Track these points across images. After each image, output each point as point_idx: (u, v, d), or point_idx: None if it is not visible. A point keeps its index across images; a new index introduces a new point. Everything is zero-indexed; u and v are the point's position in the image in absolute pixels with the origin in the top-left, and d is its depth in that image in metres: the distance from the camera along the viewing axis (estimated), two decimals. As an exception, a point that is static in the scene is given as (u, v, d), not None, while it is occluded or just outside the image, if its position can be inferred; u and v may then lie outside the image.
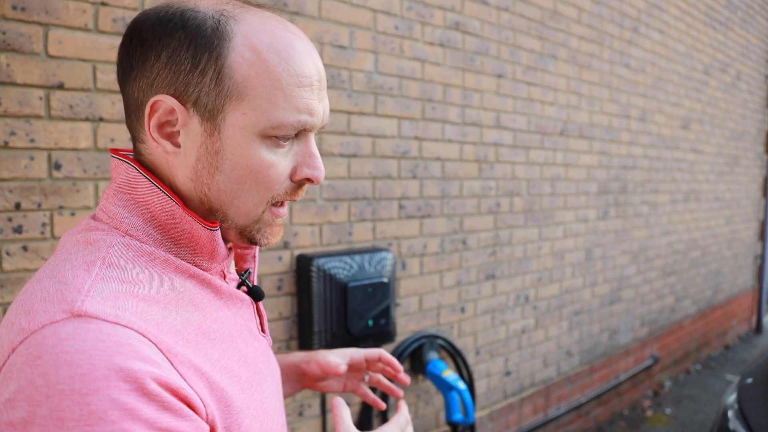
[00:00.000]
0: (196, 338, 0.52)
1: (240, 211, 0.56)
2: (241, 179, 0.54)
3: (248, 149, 0.53)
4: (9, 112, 1.25)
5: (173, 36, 0.51)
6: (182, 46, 0.51)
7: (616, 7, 3.21)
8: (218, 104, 0.52)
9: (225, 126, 0.52)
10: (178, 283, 0.54)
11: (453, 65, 2.28)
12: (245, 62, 0.51)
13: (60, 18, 1.31)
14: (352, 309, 1.84)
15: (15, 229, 1.28)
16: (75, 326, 0.43)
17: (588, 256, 3.16)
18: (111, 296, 0.47)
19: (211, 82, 0.51)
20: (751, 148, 5.24)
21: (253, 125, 0.52)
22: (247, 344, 0.60)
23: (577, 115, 2.98)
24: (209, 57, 0.51)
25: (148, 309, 0.48)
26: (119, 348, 0.43)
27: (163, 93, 0.52)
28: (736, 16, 4.69)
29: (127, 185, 0.55)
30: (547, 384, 2.92)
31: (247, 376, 0.57)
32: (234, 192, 0.55)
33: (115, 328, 0.44)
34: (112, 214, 0.55)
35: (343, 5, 1.88)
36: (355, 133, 1.95)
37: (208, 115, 0.52)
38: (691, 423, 3.45)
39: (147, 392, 0.43)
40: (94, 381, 0.41)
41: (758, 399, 1.96)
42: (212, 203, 0.55)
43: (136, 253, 0.52)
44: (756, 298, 5.76)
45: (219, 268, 0.59)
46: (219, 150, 0.53)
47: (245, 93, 0.52)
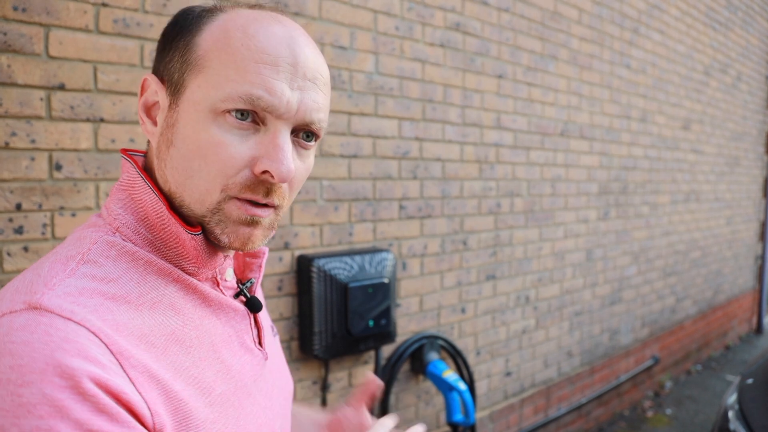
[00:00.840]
0: (165, 343, 0.50)
1: (194, 195, 0.52)
2: (190, 155, 0.51)
3: (198, 123, 0.51)
4: (10, 112, 1.25)
5: (171, 26, 0.55)
6: (171, 32, 0.55)
7: (616, 7, 3.21)
8: (182, 78, 0.52)
9: (182, 99, 0.52)
10: (158, 285, 0.52)
11: (453, 66, 2.28)
12: (211, 38, 0.51)
13: (61, 19, 1.31)
14: (352, 309, 1.84)
15: (16, 229, 1.28)
16: (28, 318, 0.43)
17: (588, 257, 3.16)
18: (74, 292, 0.46)
19: (179, 58, 0.53)
20: (752, 148, 5.24)
21: (205, 99, 0.50)
22: (234, 356, 0.57)
23: (577, 116, 2.98)
24: (183, 36, 0.53)
25: (113, 308, 0.47)
26: (63, 344, 0.42)
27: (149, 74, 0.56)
28: (736, 17, 4.69)
29: (127, 184, 0.56)
30: (547, 384, 2.92)
31: (223, 389, 0.54)
32: (185, 170, 0.52)
33: (66, 323, 0.43)
34: (110, 211, 0.55)
35: (343, 6, 1.89)
36: (356, 133, 1.95)
37: (174, 89, 0.53)
38: (692, 423, 3.44)
39: (82, 392, 0.41)
40: (30, 373, 0.41)
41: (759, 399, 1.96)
42: (170, 184, 0.54)
43: (119, 252, 0.52)
44: (756, 298, 5.75)
45: (209, 274, 0.57)
46: (174, 123, 0.52)
47: (203, 66, 0.51)
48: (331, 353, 1.84)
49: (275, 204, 0.54)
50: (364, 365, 2.04)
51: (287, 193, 0.55)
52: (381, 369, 2.07)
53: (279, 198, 0.54)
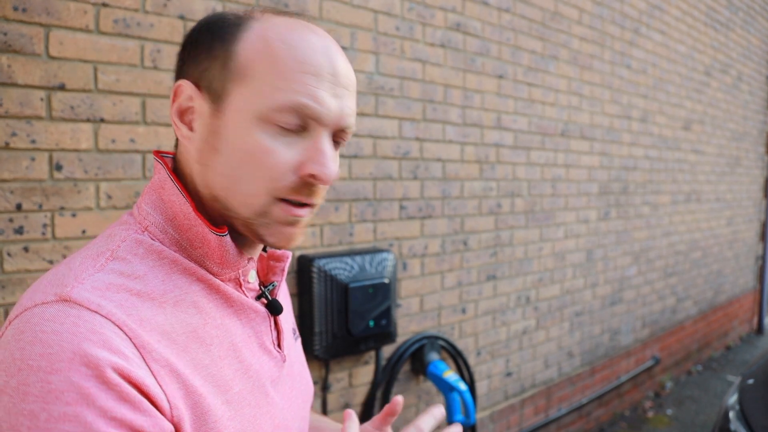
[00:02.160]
0: (186, 340, 0.52)
1: (241, 200, 0.54)
2: (239, 163, 0.53)
3: (246, 132, 0.53)
4: (10, 112, 1.25)
5: (203, 33, 0.56)
6: (205, 39, 0.56)
7: (617, 8, 3.20)
8: (224, 86, 0.54)
9: (227, 107, 0.53)
10: (182, 284, 0.54)
11: (454, 66, 2.28)
12: (252, 47, 0.53)
13: (61, 19, 1.31)
14: (353, 310, 1.84)
15: (16, 230, 1.28)
16: (58, 309, 0.46)
17: (589, 257, 3.16)
18: (102, 287, 0.49)
19: (220, 66, 0.54)
20: (753, 148, 5.24)
21: (253, 107, 0.52)
22: (253, 356, 0.59)
23: (578, 116, 2.98)
24: (221, 44, 0.54)
25: (138, 304, 0.49)
26: (90, 335, 0.45)
27: (186, 78, 0.56)
28: (737, 17, 4.69)
29: (158, 184, 0.57)
30: (548, 385, 2.92)
31: (241, 388, 0.56)
32: (233, 177, 0.54)
33: (93, 316, 0.46)
34: (141, 210, 0.57)
35: (344, 6, 1.89)
36: (356, 133, 1.95)
37: (215, 97, 0.54)
38: (693, 424, 3.44)
39: (106, 380, 0.44)
40: (59, 362, 0.43)
41: (759, 400, 1.96)
42: (214, 189, 0.55)
43: (146, 250, 0.54)
44: (757, 299, 5.75)
45: (232, 275, 0.58)
46: (219, 131, 0.54)
47: (247, 75, 0.53)
48: (332, 353, 1.84)
49: (315, 203, 0.57)
50: (365, 365, 2.04)
51: (324, 192, 0.59)
52: (381, 369, 2.07)
53: (319, 198, 0.57)
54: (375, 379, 2.05)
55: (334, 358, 1.88)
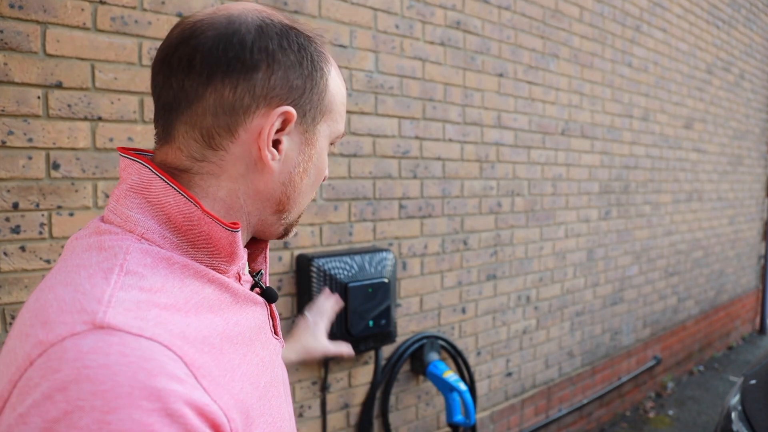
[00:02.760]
0: (221, 344, 0.50)
1: (301, 208, 0.62)
2: (316, 181, 0.62)
3: (323, 154, 0.62)
4: (7, 111, 1.25)
5: (288, 51, 0.55)
6: (298, 63, 0.56)
7: (618, 5, 3.19)
8: (317, 117, 0.59)
9: (317, 136, 0.60)
10: (197, 289, 0.52)
11: (454, 64, 2.27)
12: (334, 83, 0.61)
13: (58, 16, 1.30)
14: (352, 309, 1.83)
15: (13, 229, 1.27)
16: (97, 339, 0.41)
17: (590, 257, 3.15)
18: (133, 306, 0.44)
19: (317, 98, 0.58)
20: (755, 147, 5.22)
21: (330, 135, 0.62)
22: (264, 347, 0.59)
23: (578, 115, 2.97)
24: (320, 77, 0.58)
25: (171, 318, 0.46)
26: (144, 363, 0.41)
27: (280, 104, 0.55)
28: (739, 15, 4.67)
29: (140, 186, 0.53)
30: (548, 385, 2.91)
31: (265, 381, 0.56)
32: (307, 192, 0.62)
33: (138, 341, 0.42)
34: (125, 216, 0.52)
35: (343, 4, 1.88)
36: (356, 132, 1.95)
37: (309, 126, 0.59)
38: (694, 424, 3.43)
39: (171, 413, 0.41)
40: (117, 398, 0.39)
41: (762, 400, 1.95)
42: (288, 203, 0.60)
43: (155, 259, 0.50)
44: (760, 298, 5.73)
45: (235, 270, 0.58)
46: (311, 157, 0.60)
47: (332, 109, 0.61)
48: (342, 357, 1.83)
49: None
50: (364, 365, 2.03)
51: None
52: (381, 369, 2.06)
53: None
54: (374, 379, 2.04)
55: (334, 358, 1.87)
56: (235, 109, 0.53)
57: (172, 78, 0.53)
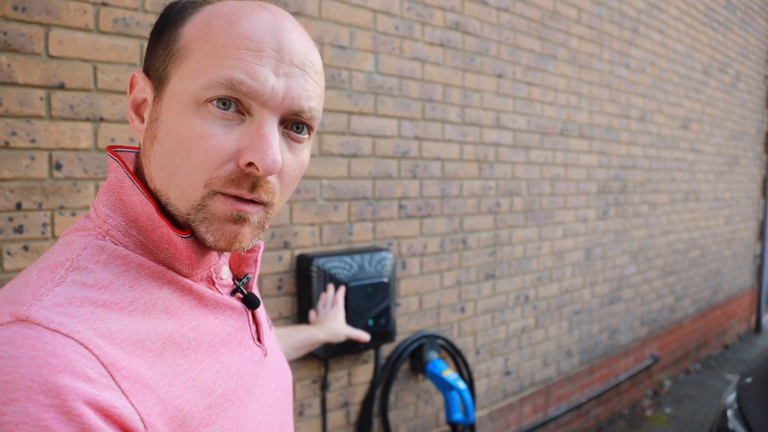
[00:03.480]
0: (161, 348, 0.49)
1: (178, 192, 0.50)
2: (173, 149, 0.49)
3: (180, 115, 0.48)
4: (10, 112, 1.26)
5: (158, 20, 0.54)
6: (156, 27, 0.53)
7: (615, 7, 3.21)
8: (165, 70, 0.50)
9: (166, 92, 0.50)
10: (151, 289, 0.51)
11: (453, 65, 2.28)
12: (193, 28, 0.49)
13: (61, 18, 1.31)
14: (352, 309, 1.84)
15: (16, 229, 1.28)
16: (14, 331, 0.41)
17: (588, 256, 3.17)
18: (63, 302, 0.44)
19: (163, 50, 0.51)
20: (751, 148, 5.25)
21: (187, 89, 0.48)
22: (234, 354, 0.56)
23: (576, 115, 2.98)
24: (167, 29, 0.52)
25: (106, 316, 0.46)
26: (50, 359, 0.40)
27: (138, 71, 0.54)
28: (735, 17, 4.70)
29: (116, 183, 0.53)
30: (547, 384, 2.93)
31: (224, 389, 0.53)
32: (168, 165, 0.50)
33: (54, 336, 0.42)
34: (99, 212, 0.53)
35: (343, 5, 1.89)
36: (355, 133, 1.96)
37: (158, 83, 0.51)
38: (691, 422, 3.45)
39: (67, 410, 0.40)
40: (16, 391, 0.39)
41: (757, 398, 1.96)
42: (155, 182, 0.52)
43: (110, 256, 0.50)
44: (755, 297, 5.76)
45: (204, 274, 0.56)
46: (158, 117, 0.51)
47: (185, 56, 0.49)
48: (331, 352, 1.84)
49: (262, 200, 0.51)
50: (364, 364, 2.04)
51: (277, 189, 0.52)
52: (380, 368, 2.07)
53: (267, 194, 0.51)
54: (374, 377, 2.05)
55: (333, 357, 1.88)
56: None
57: None
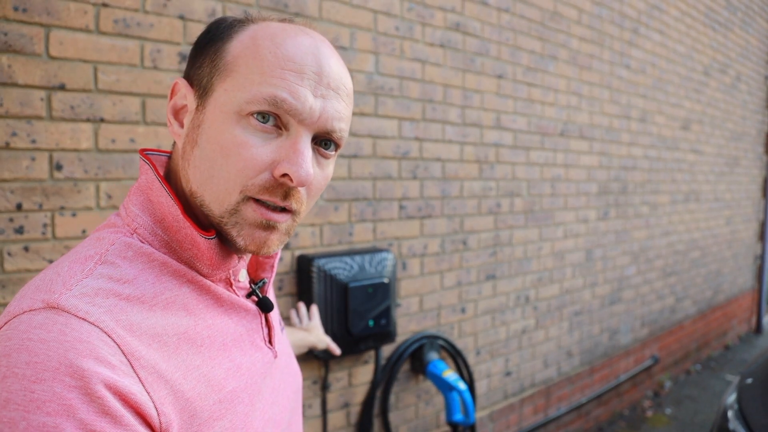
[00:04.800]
0: (177, 342, 0.52)
1: (213, 196, 0.53)
2: (213, 155, 0.53)
3: (223, 124, 0.52)
4: (10, 112, 1.26)
5: (204, 34, 0.58)
6: (204, 39, 0.57)
7: (616, 8, 3.21)
8: (210, 82, 0.54)
9: (209, 102, 0.54)
10: (172, 286, 0.54)
11: (453, 66, 2.28)
12: (240, 45, 0.54)
13: (61, 19, 1.31)
14: (352, 309, 1.84)
15: (16, 229, 1.28)
16: (46, 317, 0.45)
17: (588, 257, 3.16)
18: (91, 292, 0.48)
19: (209, 63, 0.55)
20: (751, 148, 5.24)
21: (231, 101, 0.52)
22: (245, 355, 0.59)
23: (577, 116, 2.98)
24: (215, 42, 0.56)
25: (128, 309, 0.49)
26: (77, 344, 0.44)
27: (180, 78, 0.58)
28: (736, 17, 4.70)
29: (145, 186, 0.57)
30: (547, 384, 2.92)
31: (234, 386, 0.56)
32: (207, 170, 0.53)
33: (81, 324, 0.45)
34: (128, 211, 0.57)
35: (343, 6, 1.89)
36: (356, 133, 1.96)
37: (202, 93, 0.55)
38: (691, 423, 3.45)
39: (89, 392, 0.43)
40: (44, 371, 0.43)
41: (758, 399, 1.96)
42: (191, 184, 0.55)
43: (136, 253, 0.53)
44: (756, 298, 5.76)
45: (223, 275, 0.59)
46: (200, 123, 0.54)
47: (230, 71, 0.53)
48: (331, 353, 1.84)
49: (292, 208, 0.55)
50: (364, 365, 2.04)
51: (305, 199, 0.56)
52: (381, 369, 2.07)
53: (297, 202, 0.55)
54: (374, 378, 2.05)
55: (334, 358, 1.88)
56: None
57: None
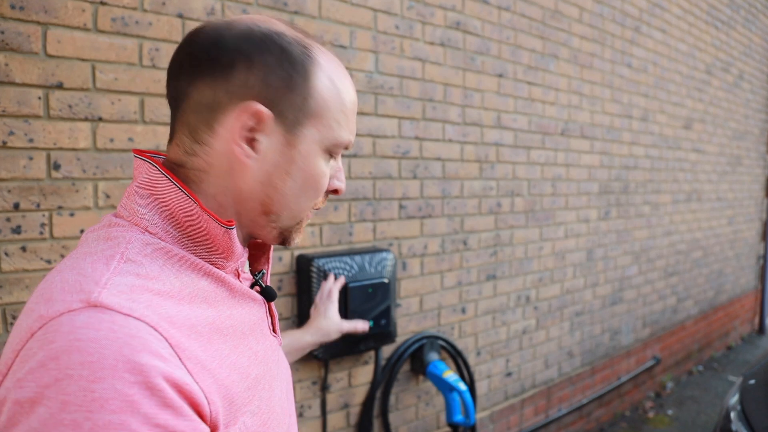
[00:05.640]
0: (210, 333, 0.54)
1: (293, 214, 0.62)
2: (305, 186, 0.61)
3: (315, 160, 0.61)
4: (8, 111, 1.25)
5: (267, 53, 0.57)
6: (277, 65, 0.57)
7: (617, 6, 3.20)
8: (300, 119, 0.59)
9: (301, 139, 0.59)
10: (193, 280, 0.55)
11: (454, 65, 2.27)
12: (325, 88, 0.60)
13: (59, 17, 1.30)
14: (352, 309, 1.83)
15: (14, 229, 1.27)
16: (90, 315, 0.45)
17: (589, 257, 3.15)
18: (126, 289, 0.49)
19: (299, 100, 0.58)
20: (754, 147, 5.23)
21: (322, 140, 0.60)
22: (258, 342, 0.62)
23: (578, 115, 2.97)
24: (301, 79, 0.58)
25: (162, 304, 0.50)
26: (130, 340, 0.45)
27: (255, 103, 0.57)
28: (738, 15, 4.68)
29: (148, 184, 0.57)
30: (548, 385, 2.91)
31: (257, 373, 0.59)
32: (295, 196, 0.61)
33: (127, 320, 0.46)
34: (133, 211, 0.57)
35: (343, 4, 1.88)
36: (356, 133, 1.95)
37: (290, 128, 0.59)
38: (694, 424, 3.44)
39: (151, 386, 0.44)
40: (102, 370, 0.43)
41: (761, 400, 1.95)
42: (273, 205, 0.60)
43: (154, 250, 0.54)
44: (759, 298, 5.74)
45: (234, 266, 0.61)
46: (294, 159, 0.60)
47: (321, 113, 0.60)
48: (331, 353, 1.83)
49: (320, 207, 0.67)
50: (364, 365, 2.03)
51: None
52: (381, 369, 2.06)
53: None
54: (374, 379, 2.04)
55: (334, 358, 1.87)
56: (213, 106, 0.57)
57: (172, 81, 0.59)
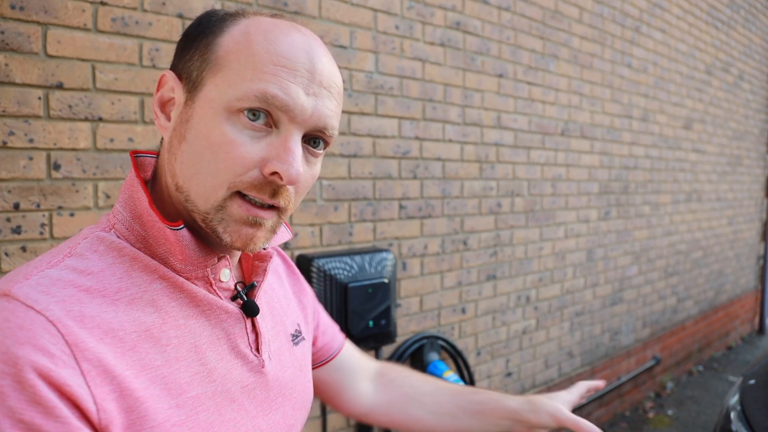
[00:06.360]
0: (136, 340, 0.50)
1: (201, 192, 0.52)
2: (201, 151, 0.52)
3: (212, 120, 0.52)
4: (8, 112, 1.25)
5: (193, 27, 0.57)
6: (193, 32, 0.56)
7: (617, 6, 3.20)
8: (200, 76, 0.53)
9: (199, 97, 0.53)
10: (142, 282, 0.53)
11: (454, 65, 2.27)
12: (232, 40, 0.53)
13: (59, 17, 1.30)
14: (352, 310, 1.83)
15: (14, 229, 1.27)
16: None
17: (589, 257, 3.15)
18: (48, 282, 0.48)
19: (199, 56, 0.54)
20: (754, 148, 5.22)
21: (221, 97, 0.51)
22: (221, 360, 0.56)
23: (578, 115, 2.97)
24: (206, 36, 0.55)
25: (85, 300, 0.49)
26: (17, 331, 0.44)
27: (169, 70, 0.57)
28: (738, 16, 4.68)
29: (129, 183, 0.58)
30: (548, 385, 2.91)
31: (199, 392, 0.53)
32: (194, 165, 0.52)
33: (26, 311, 0.45)
34: (114, 208, 0.58)
35: (343, 5, 1.88)
36: (356, 133, 1.95)
37: (191, 87, 0.54)
38: (693, 424, 3.43)
39: (21, 380, 0.43)
40: None
41: (761, 400, 1.95)
42: (178, 179, 0.54)
43: (107, 247, 0.53)
44: (759, 298, 5.74)
45: (200, 273, 0.56)
46: (189, 119, 0.53)
47: (222, 66, 0.52)
48: None
49: (280, 206, 0.54)
50: (364, 365, 2.03)
51: (293, 197, 0.56)
52: (381, 369, 2.06)
53: (284, 200, 0.54)
54: (374, 379, 2.04)
55: (334, 358, 1.87)
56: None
57: None
